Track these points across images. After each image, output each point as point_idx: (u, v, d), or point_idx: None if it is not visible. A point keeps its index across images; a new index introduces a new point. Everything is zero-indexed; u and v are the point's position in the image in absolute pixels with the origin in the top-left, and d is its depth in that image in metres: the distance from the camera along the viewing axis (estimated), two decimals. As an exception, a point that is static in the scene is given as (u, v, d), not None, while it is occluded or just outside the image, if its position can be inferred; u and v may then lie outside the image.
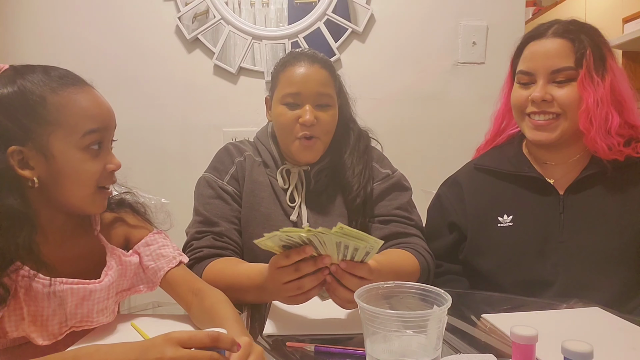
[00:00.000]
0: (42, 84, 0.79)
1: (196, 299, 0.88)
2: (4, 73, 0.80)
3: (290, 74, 1.11)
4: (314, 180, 1.18)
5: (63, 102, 0.78)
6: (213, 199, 1.14)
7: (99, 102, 0.83)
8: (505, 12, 1.94)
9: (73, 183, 0.80)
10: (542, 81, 1.02)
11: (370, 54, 1.95)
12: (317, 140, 1.12)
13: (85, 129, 0.79)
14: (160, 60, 1.91)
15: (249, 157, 1.20)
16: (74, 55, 1.86)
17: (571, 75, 1.00)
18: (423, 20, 1.95)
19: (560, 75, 1.01)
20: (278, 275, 0.79)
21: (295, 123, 1.10)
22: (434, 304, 0.63)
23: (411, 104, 1.97)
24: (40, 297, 0.77)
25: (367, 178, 1.16)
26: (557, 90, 1.01)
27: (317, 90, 1.10)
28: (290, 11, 1.94)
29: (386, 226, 1.13)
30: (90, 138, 0.80)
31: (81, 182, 0.80)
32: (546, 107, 1.02)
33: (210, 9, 1.89)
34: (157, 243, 0.93)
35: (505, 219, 1.09)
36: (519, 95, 1.07)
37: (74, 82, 0.82)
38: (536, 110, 1.03)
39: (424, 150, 1.96)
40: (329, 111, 1.12)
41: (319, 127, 1.11)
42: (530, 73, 1.04)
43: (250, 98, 1.91)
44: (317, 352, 0.75)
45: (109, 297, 0.86)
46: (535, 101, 1.02)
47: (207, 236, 1.09)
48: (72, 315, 0.81)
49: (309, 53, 1.16)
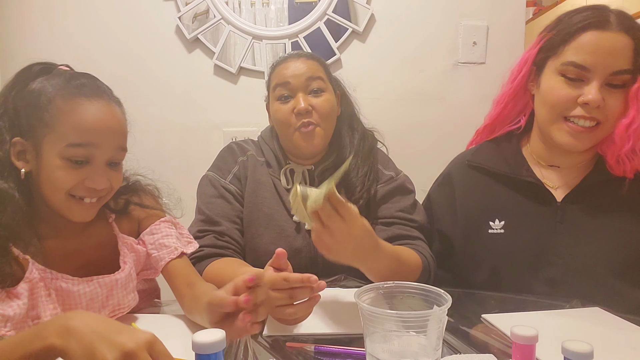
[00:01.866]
0: (57, 89, 0.83)
1: (189, 290, 0.90)
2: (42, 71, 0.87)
3: (279, 70, 1.15)
4: (318, 179, 1.17)
5: (64, 110, 0.81)
6: (215, 198, 1.15)
7: (97, 119, 0.82)
8: (506, 12, 1.93)
9: (46, 185, 0.82)
10: (599, 82, 0.87)
11: (371, 54, 1.95)
12: (316, 127, 1.12)
13: (70, 140, 0.80)
14: (160, 60, 1.90)
15: (252, 157, 1.20)
16: (73, 55, 1.85)
17: (626, 81, 0.88)
18: (423, 20, 1.94)
19: (618, 79, 0.88)
20: (273, 297, 0.78)
21: (291, 114, 1.11)
22: (434, 304, 0.63)
23: (411, 104, 1.97)
24: (72, 296, 0.83)
25: (371, 180, 1.15)
26: (608, 95, 0.88)
27: (306, 76, 1.12)
28: (291, 11, 1.94)
29: (389, 228, 1.12)
30: (73, 151, 0.80)
31: (52, 186, 0.81)
32: (596, 113, 0.88)
33: (210, 9, 1.89)
34: (160, 232, 0.97)
35: (497, 224, 1.01)
36: (565, 94, 0.90)
37: (87, 94, 0.83)
38: (584, 115, 0.88)
39: (423, 150, 1.96)
40: (323, 96, 1.13)
41: (315, 113, 1.12)
42: (587, 68, 0.88)
43: (251, 98, 1.90)
44: (317, 352, 0.75)
45: (132, 280, 0.92)
46: (589, 104, 0.87)
47: (208, 235, 1.09)
48: (104, 306, 0.87)
49: (295, 52, 1.20)
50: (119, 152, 0.88)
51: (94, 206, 0.86)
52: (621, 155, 0.90)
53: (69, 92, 0.82)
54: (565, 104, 0.91)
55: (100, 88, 0.88)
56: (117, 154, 0.87)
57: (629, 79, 0.88)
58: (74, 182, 0.81)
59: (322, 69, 1.17)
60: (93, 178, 0.82)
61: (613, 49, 0.87)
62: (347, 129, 1.21)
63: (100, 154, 0.83)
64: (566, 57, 0.91)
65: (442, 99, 1.97)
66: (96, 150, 0.82)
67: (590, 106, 0.87)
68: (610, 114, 0.89)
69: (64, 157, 0.80)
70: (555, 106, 0.92)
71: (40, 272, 0.80)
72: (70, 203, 0.83)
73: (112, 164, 0.86)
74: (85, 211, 0.85)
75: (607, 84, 0.88)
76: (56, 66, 0.90)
